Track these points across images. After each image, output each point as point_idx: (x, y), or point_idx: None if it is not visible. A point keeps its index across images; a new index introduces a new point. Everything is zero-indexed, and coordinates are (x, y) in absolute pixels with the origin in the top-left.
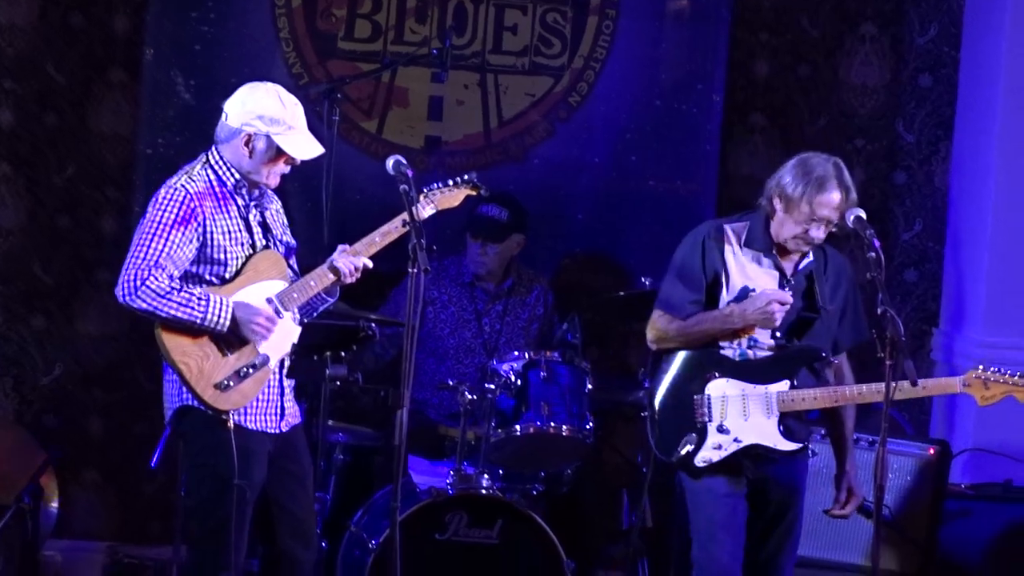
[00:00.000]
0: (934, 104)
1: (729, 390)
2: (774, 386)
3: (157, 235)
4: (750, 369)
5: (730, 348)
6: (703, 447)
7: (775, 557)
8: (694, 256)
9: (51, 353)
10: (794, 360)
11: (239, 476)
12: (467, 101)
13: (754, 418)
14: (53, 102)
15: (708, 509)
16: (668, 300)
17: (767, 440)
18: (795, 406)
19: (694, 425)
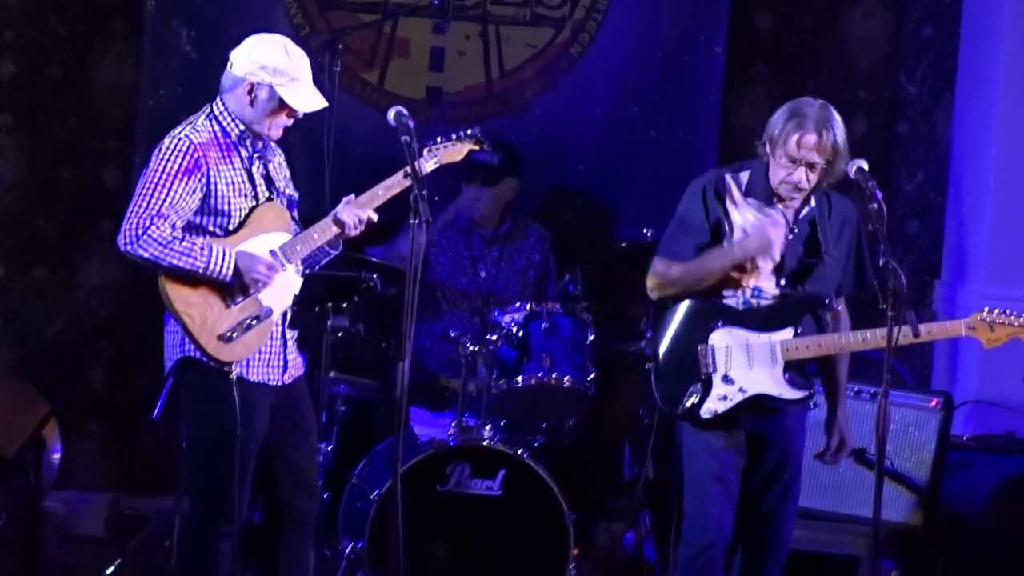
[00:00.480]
0: (936, 55)
1: (733, 340)
2: (778, 334)
3: (160, 184)
4: (753, 317)
5: (733, 298)
6: (708, 398)
7: (776, 511)
8: (696, 206)
9: (53, 305)
10: (797, 308)
11: (241, 428)
12: (468, 52)
13: (759, 367)
14: (55, 53)
15: (703, 462)
16: (670, 248)
17: (772, 389)
18: (799, 354)
19: (698, 376)
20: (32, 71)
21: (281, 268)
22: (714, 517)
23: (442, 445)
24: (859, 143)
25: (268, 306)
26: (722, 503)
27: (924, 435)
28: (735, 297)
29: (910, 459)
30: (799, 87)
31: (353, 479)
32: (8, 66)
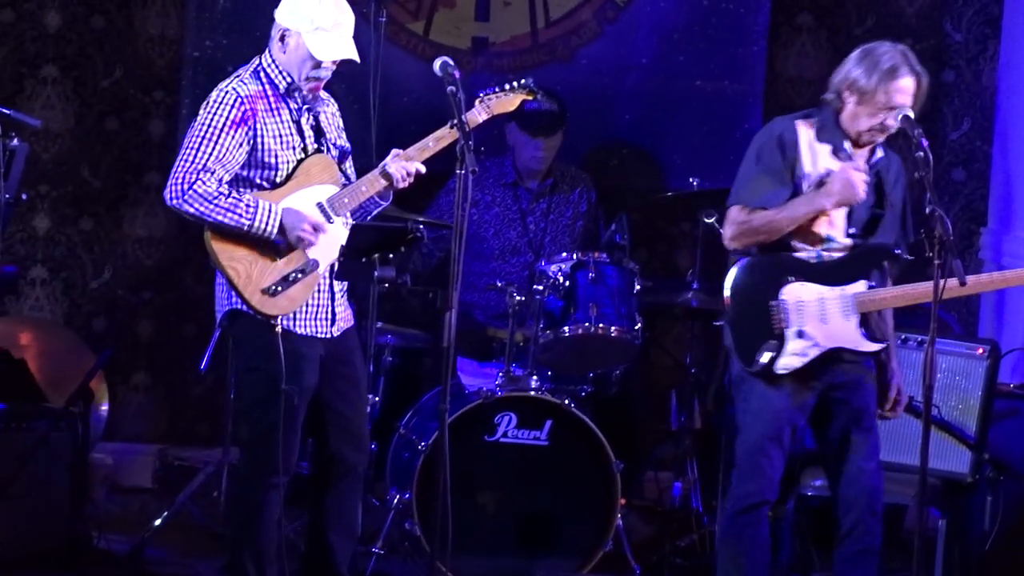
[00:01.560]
0: (982, 2)
1: (806, 294)
2: (851, 287)
3: (207, 138)
4: (825, 271)
5: (806, 251)
6: (783, 353)
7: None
8: (774, 151)
9: (100, 256)
10: (868, 259)
11: (288, 381)
12: (514, 1)
13: (833, 321)
14: (100, 4)
15: (763, 421)
16: (751, 195)
17: (849, 343)
18: (874, 306)
19: (772, 332)
20: (77, 22)
21: (328, 222)
22: (767, 475)
23: (489, 395)
24: None
25: (314, 259)
26: (777, 462)
27: (971, 383)
28: (808, 250)
29: (957, 407)
30: (844, 36)
31: (400, 430)
32: (54, 17)
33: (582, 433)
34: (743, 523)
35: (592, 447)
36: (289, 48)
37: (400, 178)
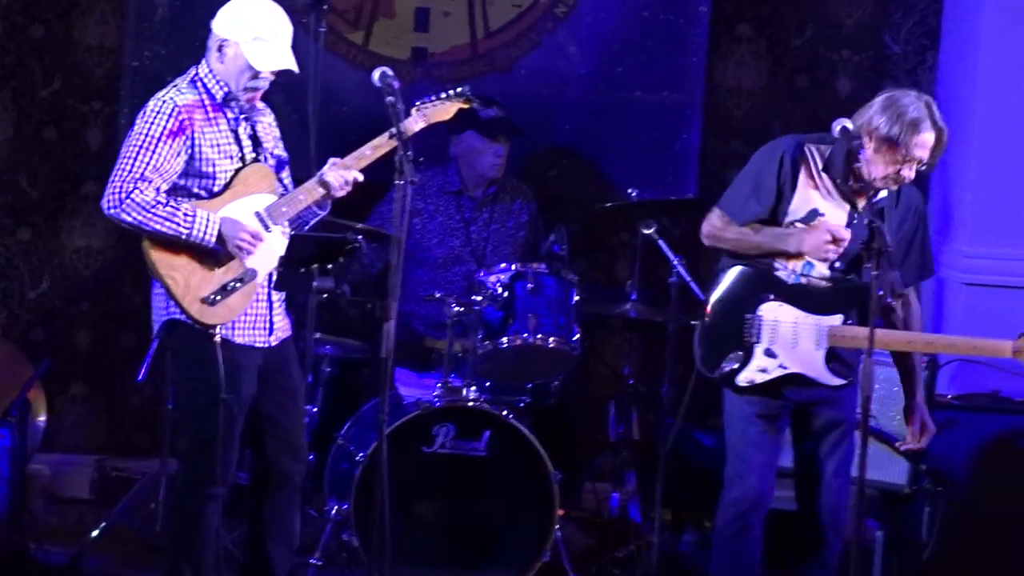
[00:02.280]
0: (921, 14)
1: (782, 315)
2: (827, 319)
3: (144, 148)
4: (806, 297)
5: (784, 270)
6: (747, 367)
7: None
8: (771, 168)
9: (38, 267)
10: (851, 295)
11: (227, 390)
12: (453, 12)
13: (803, 346)
14: (40, 13)
15: (740, 429)
16: (732, 205)
17: (812, 372)
18: (845, 343)
19: (742, 343)
20: (16, 31)
21: (266, 231)
22: (752, 485)
23: (427, 406)
24: (843, 103)
25: (252, 268)
26: (760, 469)
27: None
28: (785, 269)
29: (895, 418)
30: (783, 47)
31: (339, 440)
32: None
33: (520, 444)
34: (730, 535)
35: (530, 458)
36: (227, 58)
37: (338, 187)
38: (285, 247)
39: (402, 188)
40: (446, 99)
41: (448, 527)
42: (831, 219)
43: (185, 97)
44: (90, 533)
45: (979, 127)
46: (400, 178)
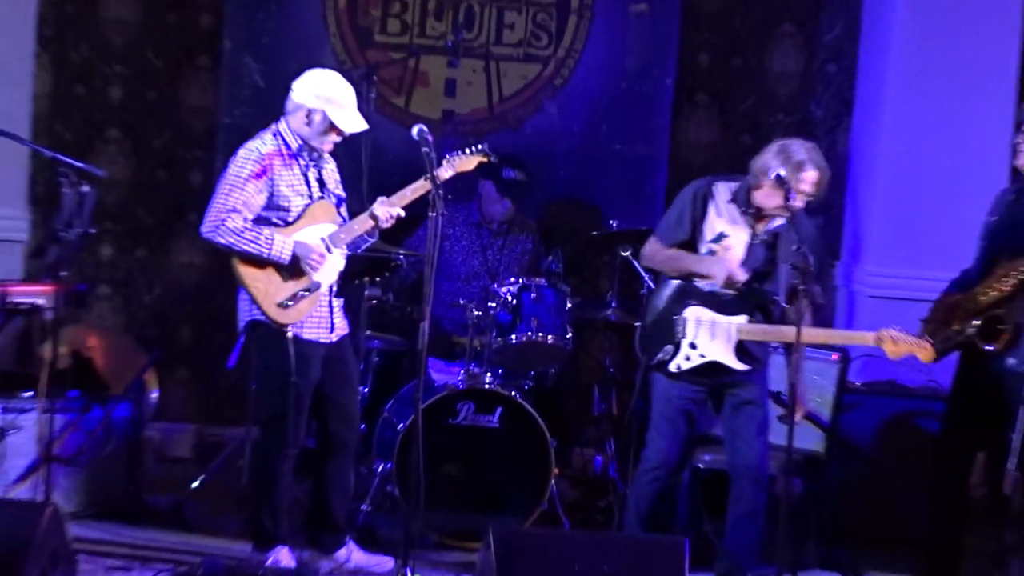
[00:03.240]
0: (838, 87)
1: (703, 316)
2: (736, 319)
3: (235, 186)
4: (720, 303)
5: (704, 282)
6: (676, 357)
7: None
8: (687, 204)
9: (151, 278)
10: (754, 300)
11: (296, 375)
12: (474, 82)
13: (718, 340)
14: (153, 81)
15: (660, 406)
16: (663, 231)
17: (725, 359)
18: (750, 336)
19: (672, 339)
20: (134, 95)
21: (328, 252)
22: (661, 449)
23: (453, 388)
24: None
25: (317, 281)
26: (671, 437)
27: (826, 381)
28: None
29: (815, 400)
30: (731, 111)
31: (384, 414)
32: (116, 91)
33: (525, 417)
34: (643, 484)
35: (532, 428)
36: (314, 122)
37: (384, 219)
38: (343, 264)
39: (434, 219)
40: (470, 154)
41: (468, 482)
42: (735, 241)
43: (267, 147)
44: (190, 485)
45: (883, 173)
46: (433, 211)
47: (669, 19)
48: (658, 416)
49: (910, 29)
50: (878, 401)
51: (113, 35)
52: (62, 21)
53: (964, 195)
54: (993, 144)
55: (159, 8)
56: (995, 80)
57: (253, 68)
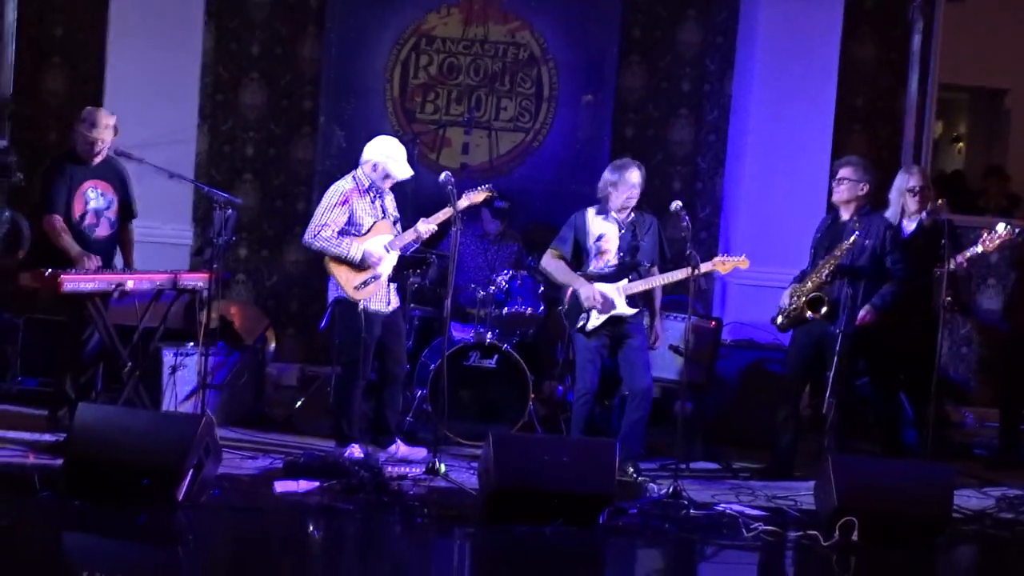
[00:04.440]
0: (716, 150)
1: (603, 288)
2: (620, 283)
3: (327, 209)
4: (609, 276)
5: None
6: (589, 319)
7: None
8: (569, 225)
9: (271, 269)
10: (628, 268)
11: (364, 333)
12: (481, 145)
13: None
14: (274, 143)
15: (582, 352)
16: (557, 243)
17: (621, 311)
18: (631, 290)
19: (583, 309)
20: (261, 152)
21: (387, 253)
22: (588, 379)
23: (466, 342)
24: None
25: (379, 272)
26: (592, 373)
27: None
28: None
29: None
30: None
31: (422, 358)
32: (250, 149)
33: (512, 362)
34: (579, 406)
35: (517, 368)
36: (379, 170)
37: (424, 233)
38: (396, 261)
39: (454, 233)
40: (479, 191)
41: (475, 402)
42: (610, 235)
43: (348, 185)
44: (296, 404)
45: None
46: (454, 227)
47: (606, 105)
48: (582, 360)
49: (760, 113)
50: (741, 352)
51: (248, 113)
52: (215, 104)
53: (799, 217)
54: (816, 185)
55: (277, 96)
56: (816, 146)
57: (339, 135)
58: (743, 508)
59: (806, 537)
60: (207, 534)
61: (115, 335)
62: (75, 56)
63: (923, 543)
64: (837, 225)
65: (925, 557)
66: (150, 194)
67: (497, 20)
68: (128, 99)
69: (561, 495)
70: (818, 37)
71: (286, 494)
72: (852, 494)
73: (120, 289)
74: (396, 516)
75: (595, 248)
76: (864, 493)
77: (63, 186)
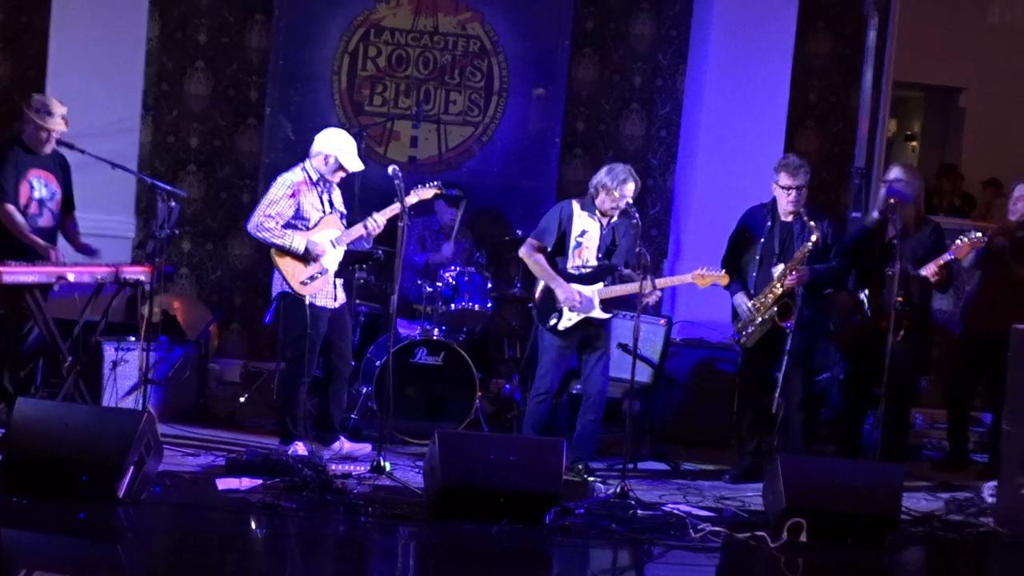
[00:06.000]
0: (667, 146)
1: (579, 288)
2: (596, 286)
3: (273, 202)
4: (585, 278)
5: (573, 268)
6: (561, 319)
7: (594, 367)
8: (554, 216)
9: (215, 262)
10: (603, 272)
11: (310, 328)
12: (429, 138)
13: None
14: (219, 134)
15: (549, 352)
16: (539, 234)
17: (594, 314)
18: (606, 295)
19: (557, 308)
20: (206, 143)
21: (334, 248)
22: (549, 380)
23: (412, 338)
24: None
25: (325, 267)
26: (555, 375)
27: (656, 337)
28: (576, 265)
29: (649, 349)
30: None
31: (367, 355)
32: (194, 140)
33: (460, 358)
34: (534, 404)
35: (464, 365)
36: (329, 163)
37: (372, 229)
38: (342, 256)
39: (401, 228)
40: (428, 187)
41: (421, 399)
42: (592, 233)
43: (296, 177)
44: (239, 400)
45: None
46: (401, 223)
47: (558, 99)
48: (547, 360)
49: (713, 108)
50: (691, 351)
51: (192, 104)
52: (159, 94)
53: None
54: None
55: (223, 86)
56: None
57: (286, 126)
58: (691, 509)
59: (753, 538)
60: (148, 531)
61: (55, 329)
62: (18, 41)
63: (872, 544)
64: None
65: (874, 558)
66: (92, 185)
67: (448, 11)
68: (71, 87)
69: (507, 494)
70: (772, 31)
71: (228, 491)
72: (800, 494)
73: (61, 281)
74: (340, 515)
75: (576, 243)
76: (813, 493)
77: (12, 174)
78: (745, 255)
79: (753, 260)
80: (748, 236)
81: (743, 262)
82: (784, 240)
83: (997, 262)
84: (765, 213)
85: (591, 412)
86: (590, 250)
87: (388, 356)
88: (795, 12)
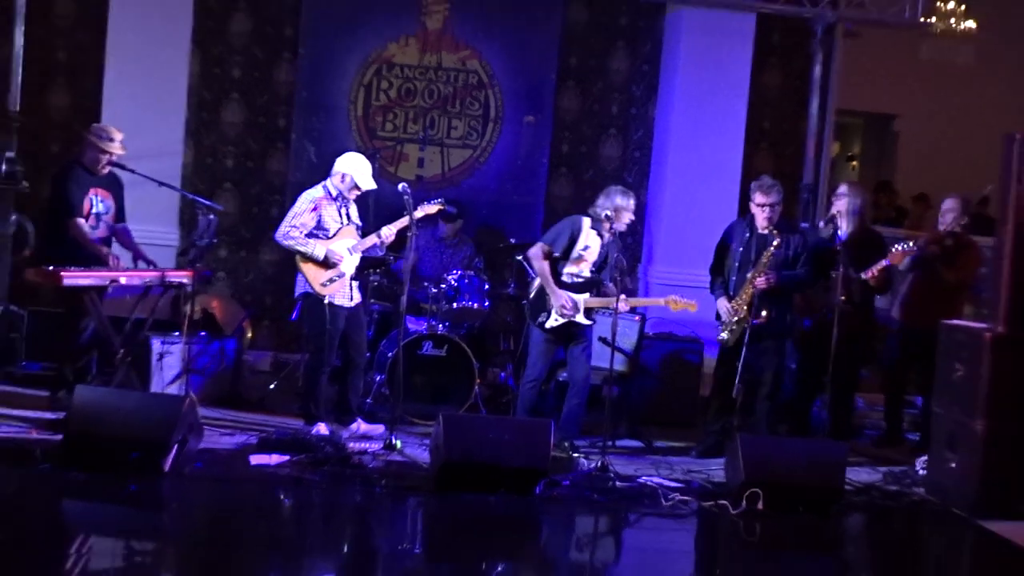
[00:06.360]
0: (642, 166)
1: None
2: (583, 295)
3: (297, 214)
4: (577, 287)
5: (572, 273)
6: (550, 318)
7: (577, 359)
8: (567, 227)
9: (248, 266)
10: (591, 285)
11: (330, 324)
12: (434, 159)
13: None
14: (251, 156)
15: (538, 346)
16: (550, 239)
17: (578, 319)
18: (590, 305)
19: (547, 308)
20: (240, 164)
21: (351, 255)
22: (538, 369)
23: (419, 333)
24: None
25: (343, 271)
26: (543, 365)
27: (632, 331)
28: (569, 275)
29: (625, 342)
30: (581, 179)
31: (381, 347)
32: (230, 161)
33: (461, 351)
34: (526, 391)
35: (465, 357)
36: (347, 181)
37: (384, 238)
38: (359, 262)
39: (411, 238)
40: (433, 203)
41: (428, 386)
42: (592, 247)
43: (319, 194)
44: (269, 387)
45: (665, 213)
46: (410, 233)
47: (546, 125)
48: (536, 352)
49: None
50: (661, 343)
51: (228, 130)
52: (199, 121)
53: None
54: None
55: (255, 115)
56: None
57: (309, 149)
58: (662, 480)
59: (717, 506)
60: (190, 501)
61: (109, 325)
62: (76, 77)
63: (819, 511)
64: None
65: (821, 523)
66: (141, 200)
67: (450, 49)
68: (123, 115)
69: (502, 468)
70: (731, 66)
71: (260, 466)
72: (757, 468)
73: (114, 284)
74: (357, 486)
75: (578, 254)
76: (768, 467)
77: (78, 192)
78: (726, 262)
79: (733, 267)
80: (729, 246)
81: (725, 269)
82: (760, 250)
83: (929, 266)
84: (745, 226)
85: (576, 397)
86: (587, 263)
87: (399, 348)
88: (751, 49)
